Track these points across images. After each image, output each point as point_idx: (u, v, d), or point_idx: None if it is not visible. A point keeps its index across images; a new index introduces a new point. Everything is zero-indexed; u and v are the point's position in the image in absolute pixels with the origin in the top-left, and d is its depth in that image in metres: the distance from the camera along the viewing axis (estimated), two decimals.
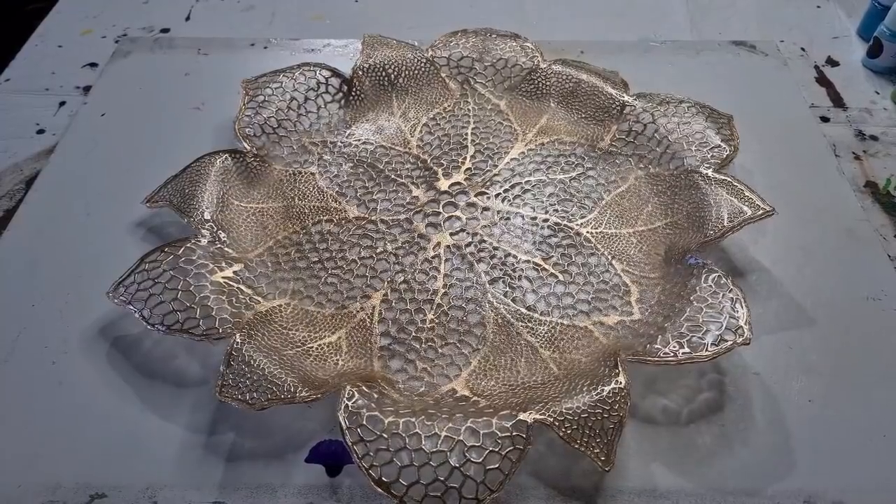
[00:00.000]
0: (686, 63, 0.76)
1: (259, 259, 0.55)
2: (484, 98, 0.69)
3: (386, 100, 0.68)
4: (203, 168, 0.58)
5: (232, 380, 0.44)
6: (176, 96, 0.71)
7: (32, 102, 0.72)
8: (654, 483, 0.44)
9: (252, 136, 0.62)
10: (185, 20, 0.83)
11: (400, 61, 0.70)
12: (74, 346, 0.51)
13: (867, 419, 0.47)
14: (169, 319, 0.47)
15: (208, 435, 0.46)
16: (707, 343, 0.46)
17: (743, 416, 0.47)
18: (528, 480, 0.44)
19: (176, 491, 0.44)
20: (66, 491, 0.44)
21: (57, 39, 0.81)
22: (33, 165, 0.65)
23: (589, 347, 0.49)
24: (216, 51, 0.77)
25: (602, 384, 0.44)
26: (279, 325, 0.50)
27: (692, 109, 0.63)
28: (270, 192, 0.60)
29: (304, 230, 0.57)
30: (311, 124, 0.65)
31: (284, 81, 0.66)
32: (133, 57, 0.77)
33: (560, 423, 0.42)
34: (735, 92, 0.70)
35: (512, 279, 0.54)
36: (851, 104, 0.71)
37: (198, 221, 0.55)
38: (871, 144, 0.67)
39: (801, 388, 0.49)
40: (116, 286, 0.49)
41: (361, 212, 0.59)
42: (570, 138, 0.65)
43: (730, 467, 0.45)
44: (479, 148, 0.64)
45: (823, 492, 0.44)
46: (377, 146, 0.65)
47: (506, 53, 0.70)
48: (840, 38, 0.80)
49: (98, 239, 0.58)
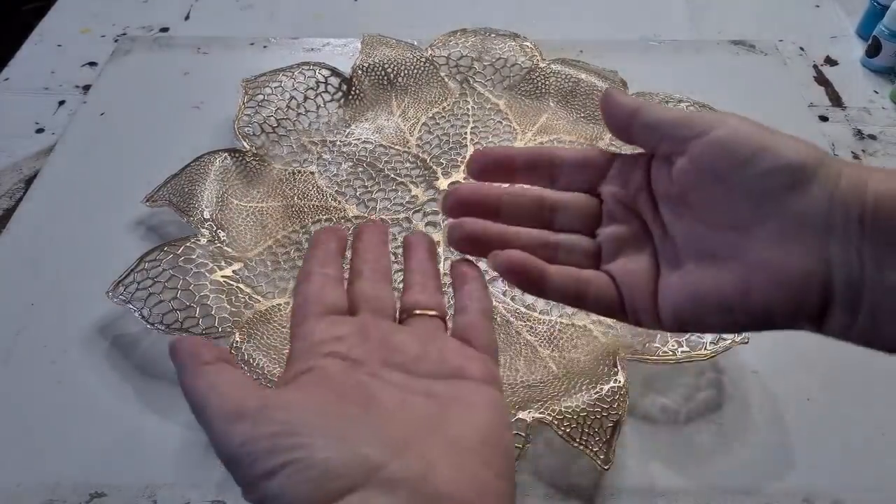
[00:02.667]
0: (685, 62, 0.76)
1: (258, 258, 0.55)
2: (483, 97, 0.69)
3: (385, 99, 0.69)
4: (202, 167, 0.58)
5: None
6: (175, 95, 0.71)
7: (31, 101, 0.72)
8: (653, 481, 0.44)
9: (251, 135, 0.62)
10: (185, 19, 0.83)
11: (399, 60, 0.70)
12: (74, 345, 0.51)
13: (866, 418, 0.47)
14: (168, 318, 0.47)
15: None
16: (706, 342, 0.46)
17: (741, 414, 0.47)
18: (527, 479, 0.44)
19: (175, 490, 0.44)
20: (66, 490, 0.44)
21: (56, 38, 0.81)
22: (32, 165, 0.65)
23: (588, 346, 0.49)
24: (215, 50, 0.77)
25: (601, 383, 0.44)
26: (279, 324, 0.50)
27: (691, 109, 0.63)
28: (270, 191, 0.60)
29: (304, 229, 0.57)
30: (311, 123, 0.65)
31: (284, 80, 0.66)
32: (132, 56, 0.77)
33: (559, 421, 0.42)
34: (734, 91, 0.70)
35: None
36: (850, 103, 0.71)
37: (197, 220, 0.55)
38: (870, 143, 0.67)
39: (800, 387, 0.49)
40: (116, 285, 0.49)
41: (361, 211, 0.59)
42: (569, 137, 0.65)
43: (728, 466, 0.45)
44: (478, 147, 0.64)
45: (822, 490, 0.44)
46: (376, 145, 0.65)
47: (505, 53, 0.70)
48: (839, 38, 0.80)
49: (97, 238, 0.58)
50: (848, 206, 0.23)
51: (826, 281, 0.23)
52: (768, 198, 0.24)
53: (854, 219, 0.23)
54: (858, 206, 0.23)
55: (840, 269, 0.23)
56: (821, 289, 0.24)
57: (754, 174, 0.24)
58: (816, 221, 0.23)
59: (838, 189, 0.23)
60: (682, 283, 0.27)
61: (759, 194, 0.24)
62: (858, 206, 0.23)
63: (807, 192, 0.23)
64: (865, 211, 0.23)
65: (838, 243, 0.23)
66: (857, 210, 0.23)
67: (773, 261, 0.24)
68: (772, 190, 0.24)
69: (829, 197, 0.23)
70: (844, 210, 0.23)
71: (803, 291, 0.24)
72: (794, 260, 0.24)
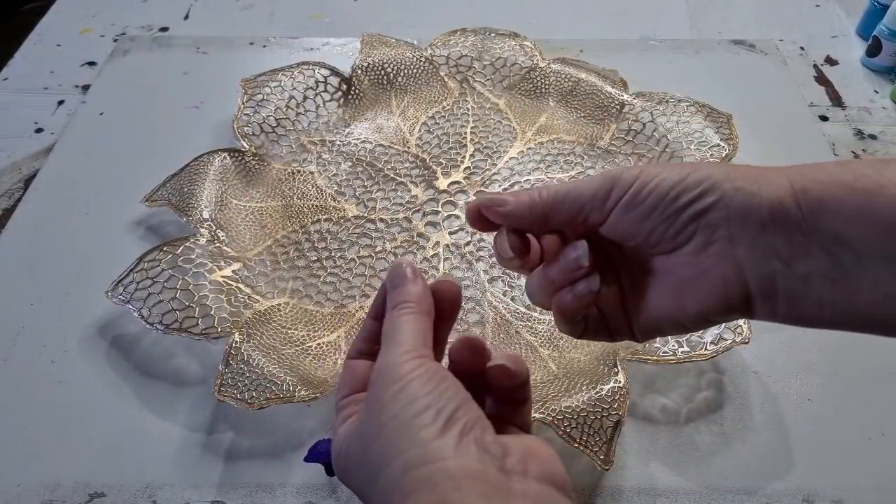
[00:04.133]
0: (685, 62, 0.75)
1: (258, 258, 0.55)
2: (483, 97, 0.69)
3: (385, 98, 0.68)
4: (202, 167, 0.58)
5: (231, 379, 0.44)
6: (175, 95, 0.71)
7: (31, 101, 0.72)
8: (654, 482, 0.44)
9: (251, 134, 0.62)
10: (184, 19, 0.83)
11: (399, 60, 0.70)
12: (73, 345, 0.51)
13: (866, 418, 0.47)
14: (168, 318, 0.47)
15: (207, 434, 0.46)
16: (706, 342, 0.46)
17: (742, 414, 0.47)
18: None
19: (175, 490, 0.44)
20: (66, 490, 0.44)
21: (55, 38, 0.81)
22: (32, 164, 0.65)
23: (588, 346, 0.49)
24: (215, 49, 0.77)
25: (601, 383, 0.44)
26: (278, 324, 0.50)
27: (691, 108, 0.63)
28: (269, 190, 0.60)
29: (303, 229, 0.57)
30: (310, 123, 0.65)
31: (283, 80, 0.66)
32: (132, 56, 0.76)
33: (559, 421, 0.42)
34: (734, 91, 0.70)
35: (511, 278, 0.54)
36: (850, 103, 0.71)
37: (196, 220, 0.55)
38: (870, 143, 0.67)
39: (800, 387, 0.49)
40: (115, 285, 0.49)
41: (360, 211, 0.59)
42: (569, 137, 0.65)
43: (729, 466, 0.45)
44: (478, 147, 0.64)
45: (822, 490, 0.44)
46: (376, 145, 0.64)
47: (505, 52, 0.70)
48: (839, 37, 0.80)
49: (97, 238, 0.58)
50: (745, 216, 0.27)
51: (742, 280, 0.27)
52: (682, 229, 0.28)
53: (754, 223, 0.26)
54: (757, 213, 0.26)
55: (751, 269, 0.27)
56: (739, 288, 0.27)
57: (664, 217, 0.28)
58: (722, 235, 0.27)
59: (733, 204, 0.27)
60: (641, 305, 0.31)
61: (674, 229, 0.28)
62: (757, 213, 0.26)
63: (707, 214, 0.27)
64: (763, 216, 0.26)
65: (743, 247, 0.27)
66: (756, 216, 0.26)
67: (694, 275, 0.28)
68: (682, 223, 0.28)
69: (726, 214, 0.27)
70: (742, 220, 0.27)
71: (725, 293, 0.28)
72: (710, 270, 0.28)
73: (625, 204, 0.29)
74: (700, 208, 0.27)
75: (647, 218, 0.28)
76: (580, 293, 0.30)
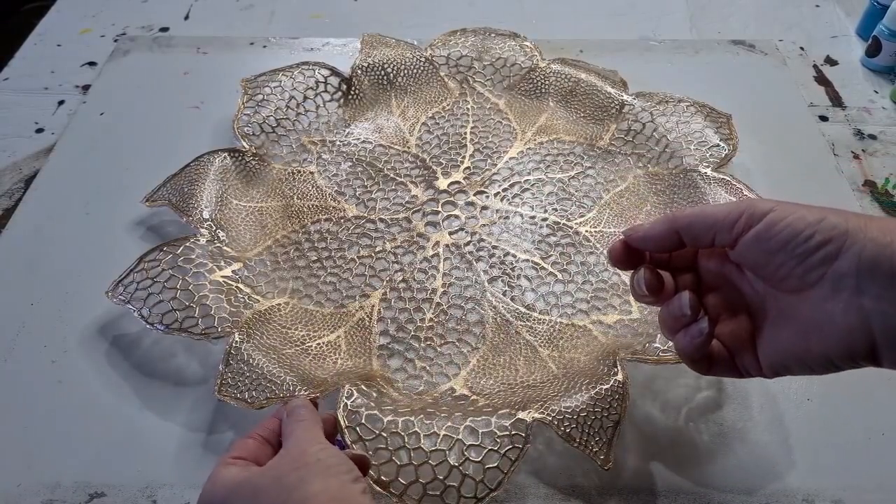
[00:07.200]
0: (685, 62, 0.76)
1: (258, 258, 0.55)
2: (483, 97, 0.69)
3: (385, 99, 0.68)
4: (202, 167, 0.58)
5: (231, 378, 0.44)
6: (175, 95, 0.71)
7: (31, 101, 0.72)
8: (653, 482, 0.44)
9: (251, 134, 0.62)
10: (184, 19, 0.83)
11: (399, 60, 0.70)
12: (73, 345, 0.51)
13: (866, 418, 0.47)
14: (168, 318, 0.47)
15: (207, 433, 0.46)
16: None
17: (742, 414, 0.47)
18: (527, 479, 0.44)
19: (175, 490, 0.44)
20: (66, 490, 0.44)
21: (56, 38, 0.81)
22: (32, 164, 0.65)
23: (588, 346, 0.49)
24: (215, 50, 0.77)
25: (601, 383, 0.44)
26: (278, 324, 0.50)
27: (691, 108, 0.63)
28: (269, 191, 0.60)
29: (303, 229, 0.57)
30: (310, 123, 0.65)
31: (283, 80, 0.66)
32: (132, 56, 0.77)
33: (559, 421, 0.42)
34: (734, 91, 0.70)
35: (511, 278, 0.54)
36: (850, 103, 0.71)
37: (197, 220, 0.55)
38: (870, 143, 0.67)
39: (800, 387, 0.49)
40: (115, 285, 0.49)
41: (360, 211, 0.59)
42: (568, 137, 0.65)
43: (728, 466, 0.45)
44: (478, 147, 0.64)
45: (822, 490, 0.44)
46: (376, 145, 0.65)
47: (505, 52, 0.70)
48: (839, 38, 0.80)
49: (97, 238, 0.58)
50: (874, 268, 0.28)
51: (867, 330, 0.28)
52: (810, 270, 0.30)
53: (883, 276, 0.28)
54: (887, 265, 0.28)
55: (877, 319, 0.28)
56: (864, 336, 0.29)
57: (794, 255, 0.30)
58: (849, 284, 0.29)
59: (864, 255, 0.28)
60: (770, 342, 0.33)
61: (802, 268, 0.30)
62: (887, 265, 0.28)
63: (837, 261, 0.29)
64: (893, 269, 0.27)
65: (871, 299, 0.28)
66: (885, 268, 0.28)
67: (821, 320, 0.30)
68: (811, 264, 0.30)
69: (856, 264, 0.28)
70: (871, 272, 0.28)
71: (849, 340, 0.29)
72: (837, 317, 0.29)
73: (757, 233, 0.31)
74: (831, 252, 0.29)
75: (778, 251, 0.30)
76: (692, 334, 0.33)
